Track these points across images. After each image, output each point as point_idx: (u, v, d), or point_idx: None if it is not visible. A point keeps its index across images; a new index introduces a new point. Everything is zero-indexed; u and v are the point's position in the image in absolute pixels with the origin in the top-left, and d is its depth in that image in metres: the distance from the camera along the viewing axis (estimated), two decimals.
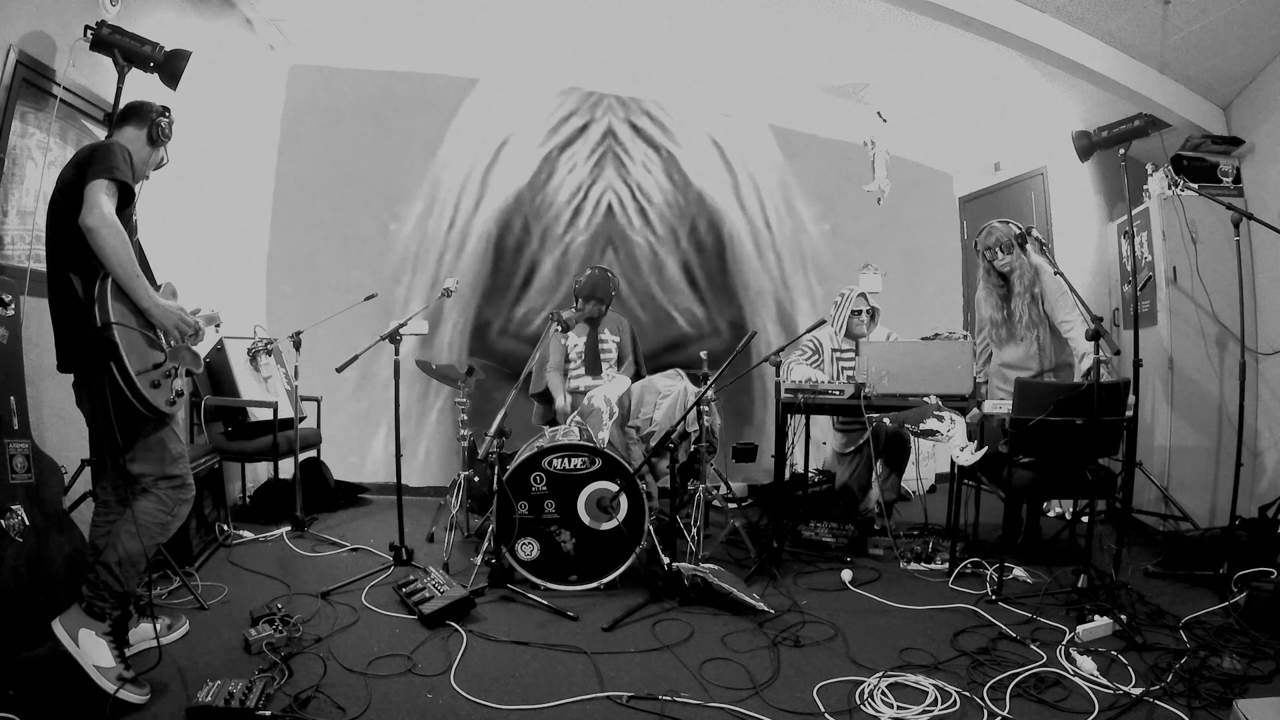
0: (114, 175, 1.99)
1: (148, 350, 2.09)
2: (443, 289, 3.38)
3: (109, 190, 1.97)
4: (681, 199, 5.01)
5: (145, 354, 2.07)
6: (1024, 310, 3.38)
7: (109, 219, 1.93)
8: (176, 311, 2.13)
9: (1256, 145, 3.74)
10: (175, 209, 3.49)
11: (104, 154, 2.02)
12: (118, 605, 2.05)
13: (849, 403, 3.29)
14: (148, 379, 2.05)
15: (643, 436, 3.49)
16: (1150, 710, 1.99)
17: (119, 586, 2.03)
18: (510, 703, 2.03)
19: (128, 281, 1.99)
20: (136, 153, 2.19)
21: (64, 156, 2.79)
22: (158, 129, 2.25)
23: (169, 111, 2.30)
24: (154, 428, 2.13)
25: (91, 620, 1.97)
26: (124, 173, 2.02)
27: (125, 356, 1.97)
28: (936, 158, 5.55)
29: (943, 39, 3.75)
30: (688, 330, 4.98)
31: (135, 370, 1.99)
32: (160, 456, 2.14)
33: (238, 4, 3.96)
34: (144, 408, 2.03)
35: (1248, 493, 3.33)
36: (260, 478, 4.25)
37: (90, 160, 2.00)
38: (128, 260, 1.97)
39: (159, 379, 2.10)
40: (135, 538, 2.05)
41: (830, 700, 2.08)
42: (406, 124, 4.76)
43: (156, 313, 2.08)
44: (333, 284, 4.52)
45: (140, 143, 2.23)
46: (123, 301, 2.02)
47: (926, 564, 3.28)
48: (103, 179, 1.96)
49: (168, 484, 2.16)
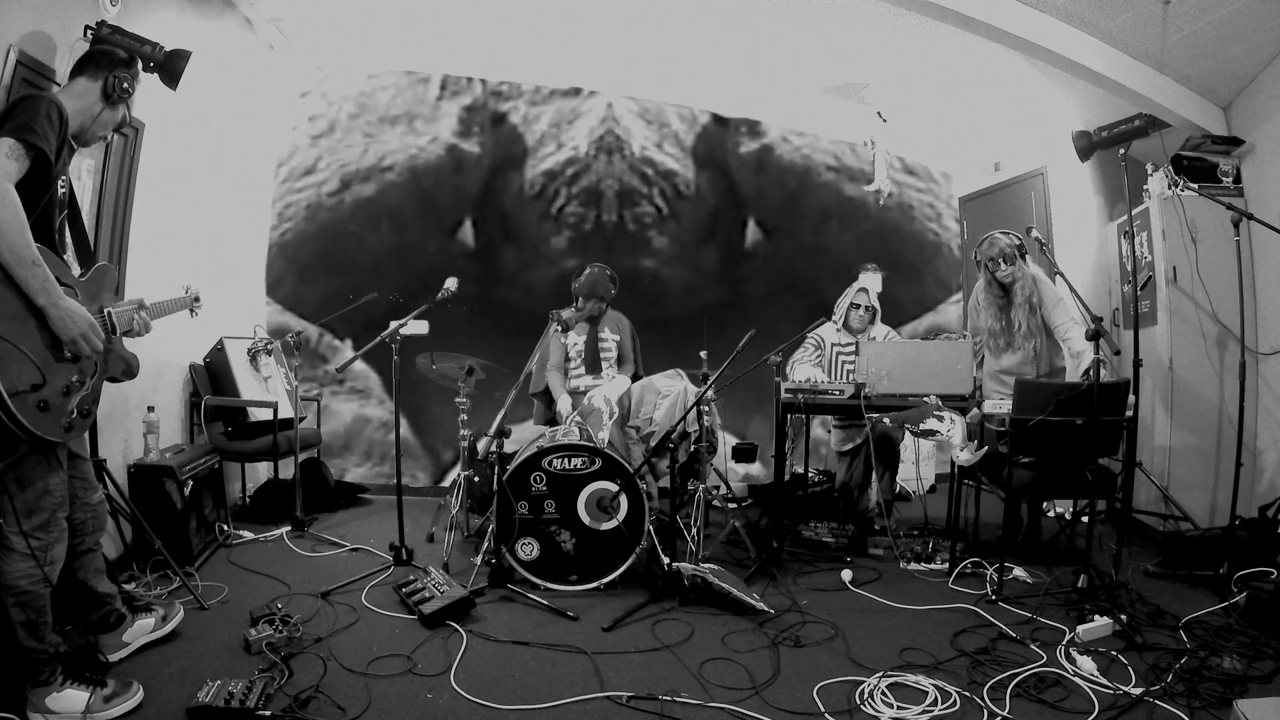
0: (23, 135, 1.66)
1: (30, 365, 1.66)
2: (442, 289, 3.37)
3: (14, 152, 1.65)
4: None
5: (25, 369, 1.65)
6: (1023, 320, 3.40)
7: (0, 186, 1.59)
8: (83, 318, 1.76)
9: (1256, 145, 3.74)
10: (175, 209, 3.49)
11: (24, 109, 1.70)
12: (55, 664, 1.87)
13: (849, 403, 3.29)
14: (28, 401, 1.65)
15: (643, 436, 3.49)
16: (1150, 710, 1.99)
17: (44, 652, 1.83)
18: (510, 703, 2.03)
19: (18, 269, 1.62)
20: (85, 109, 1.90)
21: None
22: (114, 83, 1.92)
23: (135, 63, 2.00)
24: (32, 454, 1.75)
25: (45, 688, 1.84)
26: (39, 135, 1.69)
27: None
28: (936, 158, 5.54)
29: (943, 39, 3.74)
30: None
31: (9, 390, 1.61)
32: (26, 480, 1.77)
33: (238, 4, 3.95)
34: (21, 433, 1.67)
35: (1248, 493, 3.33)
36: (260, 478, 4.25)
37: (7, 114, 1.70)
38: (19, 241, 1.61)
39: (48, 399, 1.70)
40: (22, 607, 1.77)
41: (830, 700, 2.08)
42: (407, 124, 4.76)
43: (54, 315, 1.70)
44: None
45: (92, 97, 1.91)
46: (12, 293, 1.65)
47: (926, 564, 3.28)
48: (9, 138, 1.64)
49: (31, 525, 1.78)
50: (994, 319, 3.49)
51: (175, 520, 2.97)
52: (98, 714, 1.85)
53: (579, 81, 4.90)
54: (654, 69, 4.77)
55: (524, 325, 4.28)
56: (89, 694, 1.87)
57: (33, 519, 1.79)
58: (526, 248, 4.88)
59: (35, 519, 1.80)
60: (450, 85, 4.84)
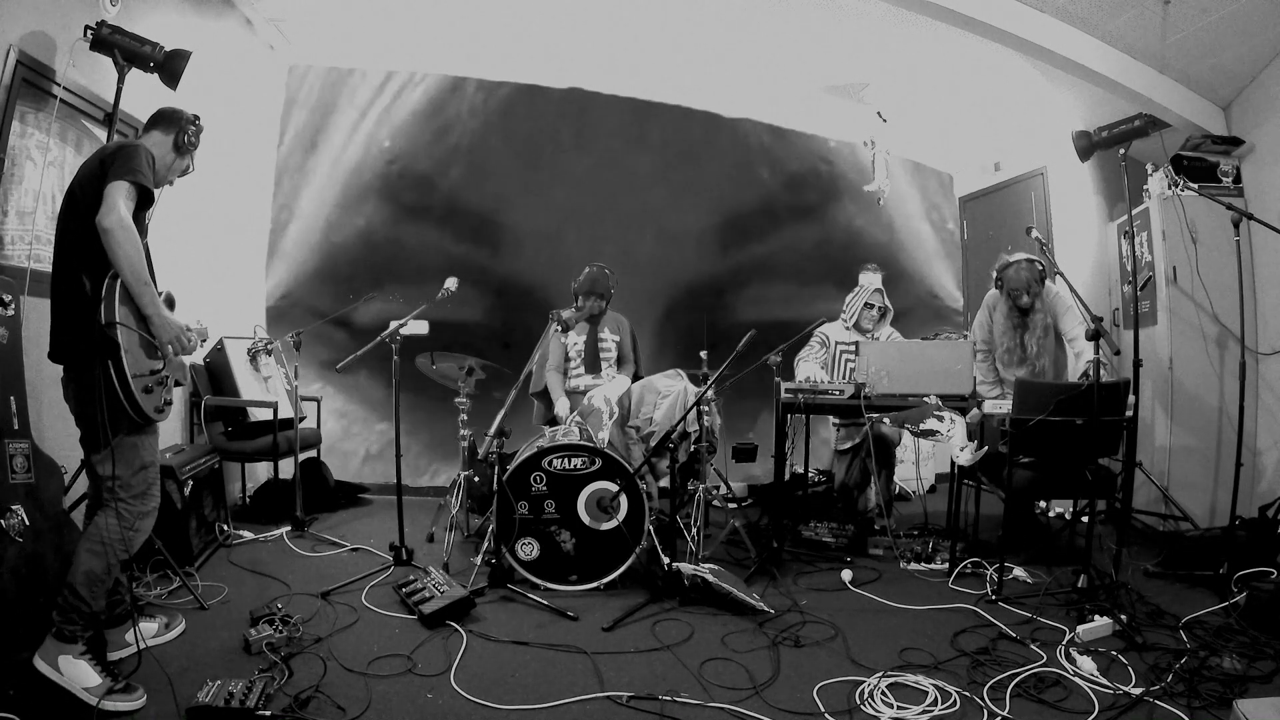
0: (135, 178, 1.99)
1: (144, 356, 2.08)
2: (442, 289, 3.37)
3: (129, 193, 1.97)
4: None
5: (141, 359, 2.06)
6: (1036, 345, 3.53)
7: (125, 222, 1.93)
8: (177, 325, 2.13)
9: (1256, 145, 3.74)
10: (175, 209, 3.48)
11: (128, 155, 2.02)
12: (88, 626, 2.01)
13: (849, 403, 3.28)
14: (141, 383, 2.03)
15: (643, 436, 3.48)
16: (1150, 710, 1.99)
17: (87, 607, 1.98)
18: (510, 703, 2.03)
19: (136, 286, 1.99)
20: (160, 157, 2.21)
21: (63, 157, 2.80)
22: (185, 136, 2.26)
23: (199, 120, 2.32)
24: (132, 431, 2.09)
25: (66, 645, 1.94)
26: (145, 176, 2.02)
27: (124, 357, 1.97)
28: (936, 158, 5.55)
29: (943, 39, 3.75)
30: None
31: (131, 373, 1.98)
32: (130, 461, 2.08)
33: (238, 4, 3.96)
34: (133, 410, 2.02)
35: (1247, 493, 3.33)
36: (260, 478, 4.25)
37: (114, 159, 2.00)
38: (139, 265, 1.98)
39: (151, 385, 2.09)
40: (97, 555, 2.01)
41: (830, 700, 2.08)
42: (406, 124, 4.76)
43: (158, 322, 2.07)
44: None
45: (165, 148, 2.24)
46: (128, 304, 2.02)
47: (926, 564, 3.28)
48: (124, 180, 1.96)
49: (129, 493, 2.08)
50: (1011, 338, 3.59)
51: (175, 520, 2.96)
52: (95, 699, 1.89)
53: (580, 82, 4.90)
54: (653, 69, 4.77)
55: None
56: (101, 679, 1.93)
57: (132, 489, 2.08)
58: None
59: (134, 489, 2.09)
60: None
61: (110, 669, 1.99)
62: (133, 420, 2.05)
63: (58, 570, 2.10)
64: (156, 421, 2.15)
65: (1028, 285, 3.47)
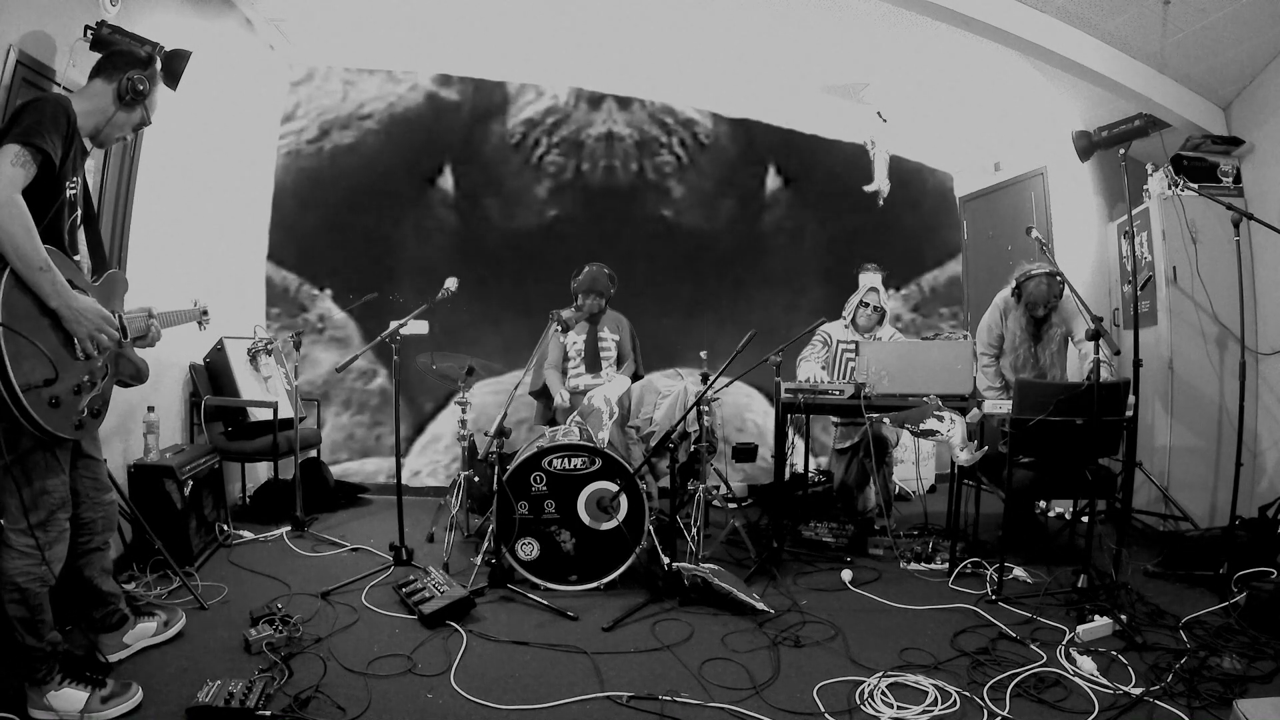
0: (29, 139, 1.67)
1: (45, 361, 1.70)
2: (442, 289, 3.37)
3: (20, 158, 1.65)
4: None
5: (40, 365, 1.69)
6: (1052, 356, 3.59)
7: (5, 195, 1.61)
8: (95, 316, 1.80)
9: (1256, 145, 3.74)
10: (175, 209, 3.49)
11: (29, 112, 1.71)
12: (54, 663, 1.88)
13: (849, 403, 3.29)
14: (41, 395, 1.69)
15: (643, 436, 3.49)
16: (1150, 710, 1.99)
17: (41, 650, 1.84)
18: (510, 703, 2.03)
19: (28, 274, 1.66)
20: (99, 109, 1.91)
21: None
22: (127, 84, 1.92)
23: (152, 63, 2.00)
24: (34, 446, 1.77)
25: (45, 687, 1.86)
26: (46, 139, 1.70)
27: (8, 366, 1.61)
28: (937, 158, 5.55)
29: (943, 39, 3.75)
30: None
31: (20, 384, 1.63)
32: (30, 488, 1.80)
33: (238, 4, 3.95)
34: (34, 429, 1.69)
35: (1248, 493, 3.33)
36: (260, 478, 4.25)
37: (14, 118, 1.70)
38: (27, 248, 1.64)
39: (60, 395, 1.74)
40: (18, 603, 1.79)
41: (830, 700, 2.08)
42: (406, 124, 4.76)
43: (67, 315, 1.75)
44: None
45: (106, 99, 1.92)
46: (27, 297, 1.69)
47: (926, 564, 3.28)
48: (14, 144, 1.65)
49: (32, 521, 1.80)
50: (1026, 348, 3.62)
51: (175, 520, 2.97)
52: (96, 714, 1.85)
53: (580, 83, 4.89)
54: (652, 69, 4.77)
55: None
56: (88, 694, 1.87)
57: (31, 517, 1.81)
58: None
59: (34, 517, 1.81)
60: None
61: (93, 677, 1.92)
62: (34, 437, 1.74)
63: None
64: (75, 438, 1.85)
65: (1046, 300, 3.51)
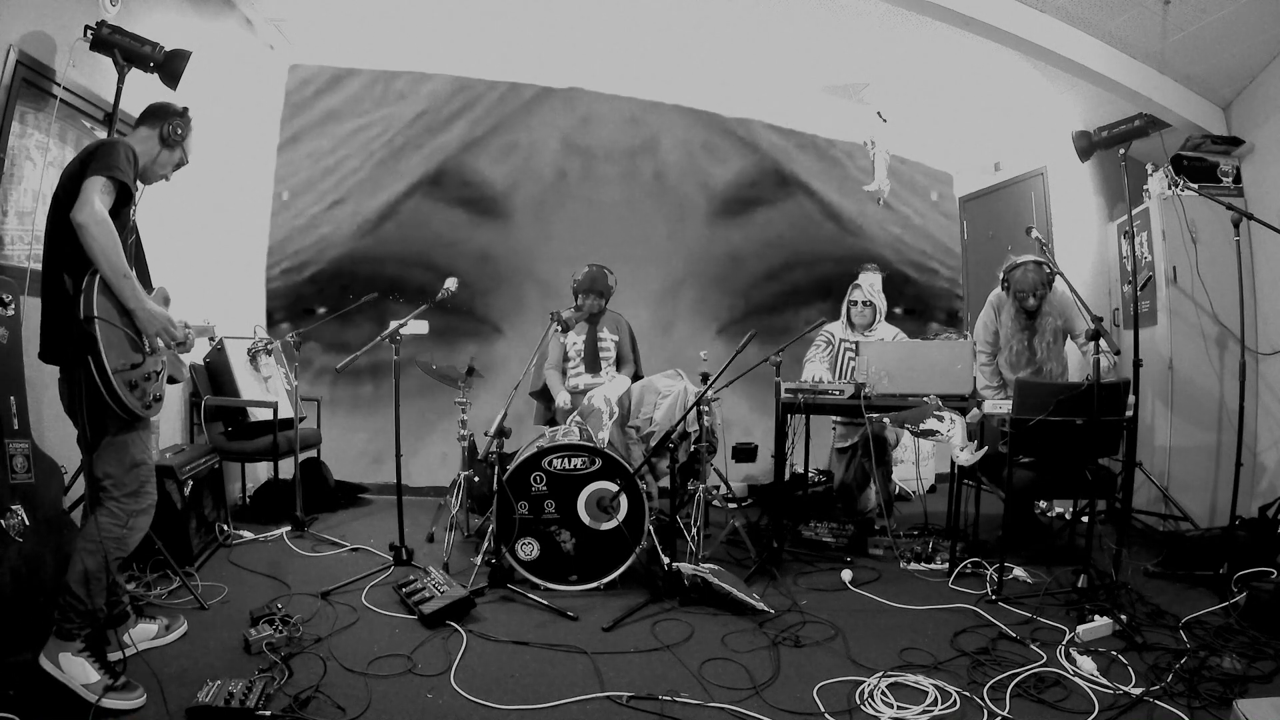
0: (111, 173, 1.99)
1: (129, 350, 2.05)
2: (442, 289, 3.37)
3: (104, 188, 1.97)
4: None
5: (125, 353, 2.04)
6: (1048, 347, 3.51)
7: (99, 216, 1.93)
8: (163, 318, 2.11)
9: (1256, 145, 3.74)
10: (175, 209, 3.48)
11: (106, 151, 2.03)
12: (85, 624, 2.00)
13: (849, 403, 3.28)
14: (125, 378, 2.01)
15: (643, 436, 3.48)
16: (1150, 710, 1.99)
17: (83, 605, 1.99)
18: (510, 703, 2.03)
19: (115, 280, 1.99)
20: (146, 152, 2.21)
21: (63, 157, 2.79)
22: (168, 128, 2.26)
23: (187, 112, 2.31)
24: (121, 429, 2.08)
25: (65, 642, 1.96)
26: (123, 172, 2.02)
27: (104, 352, 1.95)
28: (937, 158, 5.55)
29: (943, 39, 3.75)
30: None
31: (112, 367, 1.97)
32: (120, 459, 2.09)
33: (238, 4, 3.95)
34: (117, 406, 2.00)
35: (1248, 493, 3.33)
36: (260, 478, 4.25)
37: (92, 157, 2.01)
38: (116, 258, 1.97)
39: (136, 380, 2.06)
40: (92, 554, 2.01)
41: (830, 700, 2.08)
42: (406, 124, 4.76)
43: (142, 315, 2.06)
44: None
45: (152, 143, 2.25)
46: (110, 299, 2.00)
47: (926, 564, 3.28)
48: (100, 176, 1.97)
49: (122, 492, 2.09)
50: (1019, 341, 3.57)
51: (175, 520, 2.96)
52: (94, 696, 1.90)
53: (580, 82, 4.89)
54: (651, 69, 4.77)
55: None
56: (99, 675, 1.94)
57: (124, 487, 2.09)
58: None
59: (127, 487, 2.10)
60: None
61: (110, 667, 1.99)
62: (119, 417, 2.04)
63: (56, 570, 2.10)
64: (145, 417, 2.13)
65: (1034, 288, 3.45)
